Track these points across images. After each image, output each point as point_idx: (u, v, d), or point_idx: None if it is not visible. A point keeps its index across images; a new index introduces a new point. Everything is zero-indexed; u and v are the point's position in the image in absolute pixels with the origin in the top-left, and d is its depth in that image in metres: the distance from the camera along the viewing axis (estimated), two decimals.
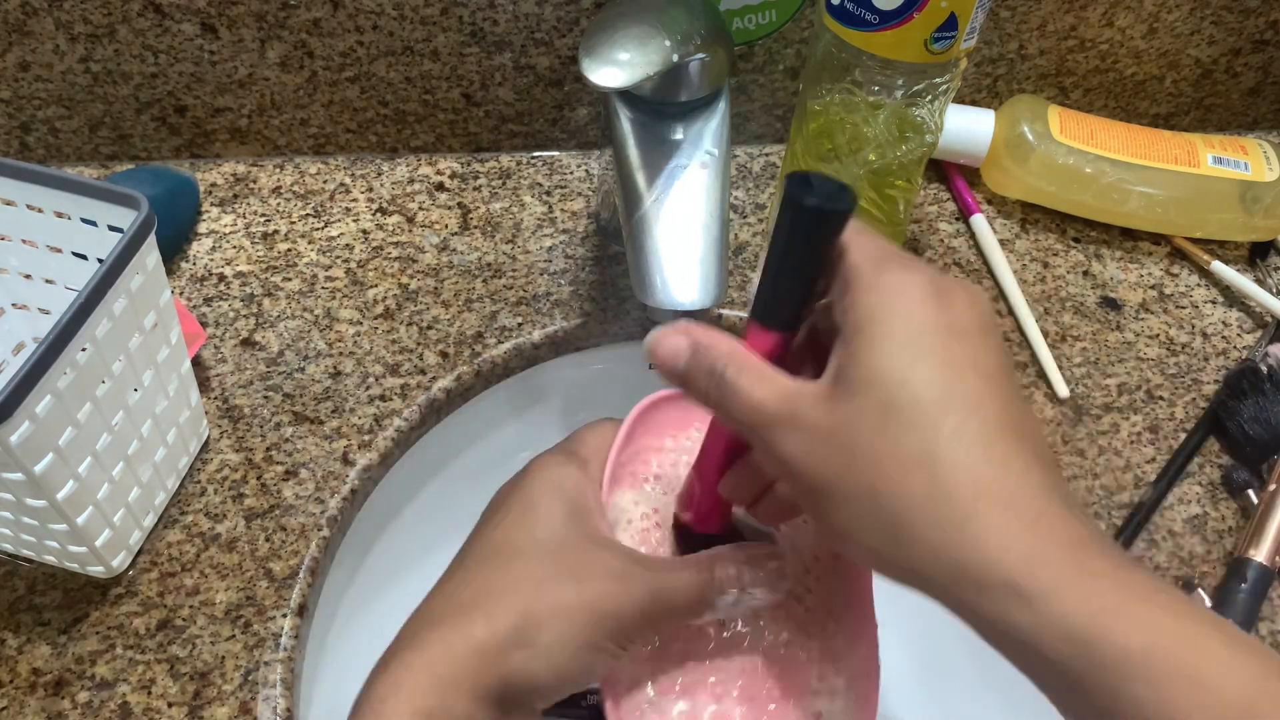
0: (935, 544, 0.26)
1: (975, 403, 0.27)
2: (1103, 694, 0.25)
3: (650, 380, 0.63)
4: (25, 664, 0.44)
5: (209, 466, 0.51)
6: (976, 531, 0.26)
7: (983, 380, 0.28)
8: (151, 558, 0.48)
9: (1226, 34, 0.67)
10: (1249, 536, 0.50)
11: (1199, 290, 0.63)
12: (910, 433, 0.27)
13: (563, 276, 0.60)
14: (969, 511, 0.26)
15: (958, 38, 0.47)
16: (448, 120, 0.65)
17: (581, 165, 0.67)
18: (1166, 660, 0.24)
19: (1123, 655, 0.24)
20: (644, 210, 0.47)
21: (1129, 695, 0.24)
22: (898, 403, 0.27)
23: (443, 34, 0.60)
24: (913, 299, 0.28)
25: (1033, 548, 0.26)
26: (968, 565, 0.26)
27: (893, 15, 0.46)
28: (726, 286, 0.46)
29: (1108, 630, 0.25)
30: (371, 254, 0.61)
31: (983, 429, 0.27)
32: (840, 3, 0.48)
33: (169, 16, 0.58)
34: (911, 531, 0.27)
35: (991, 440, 0.27)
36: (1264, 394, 0.55)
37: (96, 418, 0.41)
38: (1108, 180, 0.63)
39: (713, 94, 0.50)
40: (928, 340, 0.28)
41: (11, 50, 0.58)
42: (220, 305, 0.58)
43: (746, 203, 0.65)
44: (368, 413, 0.53)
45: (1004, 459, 0.27)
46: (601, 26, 0.44)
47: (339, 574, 0.52)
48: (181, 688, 0.44)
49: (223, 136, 0.64)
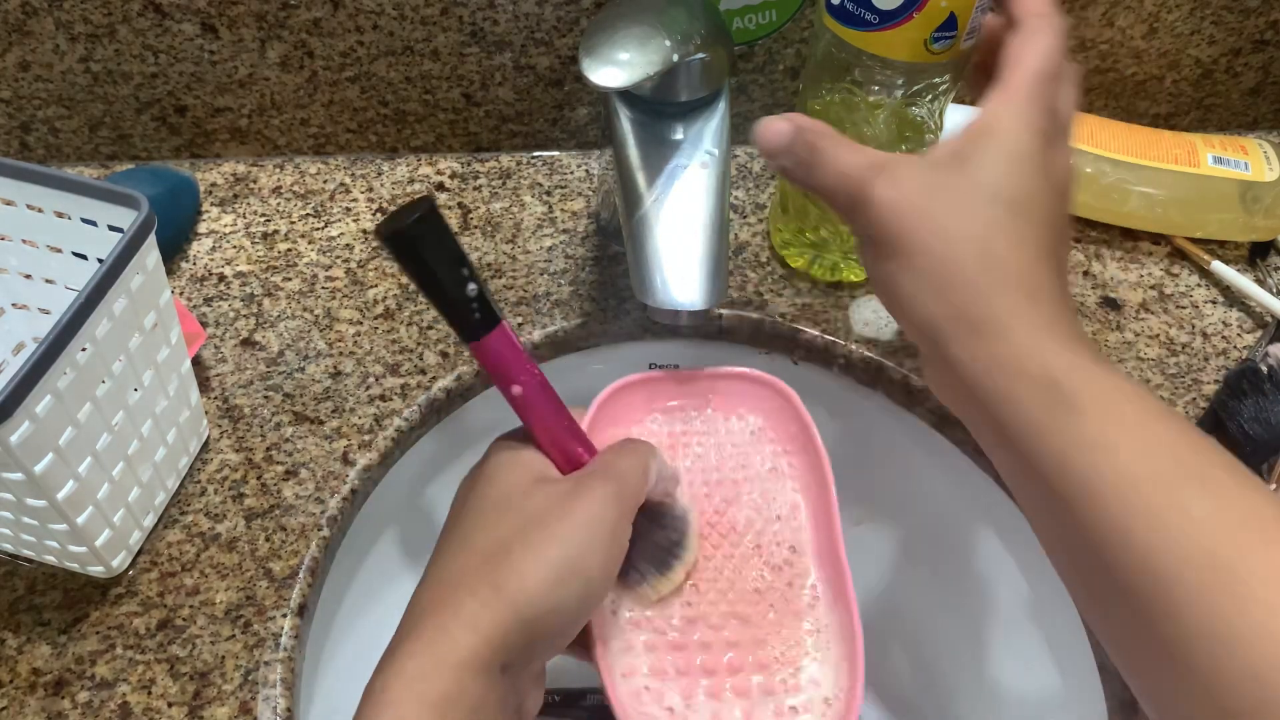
0: (958, 302, 0.34)
1: (1032, 214, 0.35)
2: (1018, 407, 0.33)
3: None
4: (25, 664, 0.44)
5: (209, 466, 0.51)
6: (991, 300, 0.34)
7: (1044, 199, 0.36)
8: (151, 558, 0.48)
9: (1226, 34, 0.67)
10: None
11: (1199, 290, 0.63)
12: (977, 218, 0.35)
13: (563, 276, 0.60)
14: (992, 284, 0.34)
15: (958, 38, 0.47)
16: (448, 120, 0.65)
17: (581, 165, 0.67)
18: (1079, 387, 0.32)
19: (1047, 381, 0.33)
20: (644, 210, 0.47)
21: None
22: (981, 193, 0.35)
23: (443, 34, 0.60)
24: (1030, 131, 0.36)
25: (1024, 311, 0.34)
26: (978, 318, 0.34)
27: (893, 15, 0.46)
28: (727, 286, 0.47)
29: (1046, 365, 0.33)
30: (371, 254, 0.61)
31: (1028, 233, 0.35)
32: (840, 2, 0.48)
33: (169, 16, 0.58)
34: (945, 289, 0.34)
35: (1031, 245, 0.35)
36: (1264, 394, 0.55)
37: (96, 418, 0.41)
38: (1108, 180, 0.63)
39: (713, 94, 0.50)
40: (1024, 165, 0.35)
41: (11, 50, 0.58)
42: (220, 305, 0.58)
43: (746, 203, 0.65)
44: (368, 413, 0.53)
45: (1034, 261, 0.35)
46: (601, 26, 0.44)
47: (339, 574, 0.52)
48: (181, 688, 0.44)
49: (223, 136, 0.64)
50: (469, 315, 0.37)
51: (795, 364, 0.60)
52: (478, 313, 0.37)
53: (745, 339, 0.60)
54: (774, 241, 0.62)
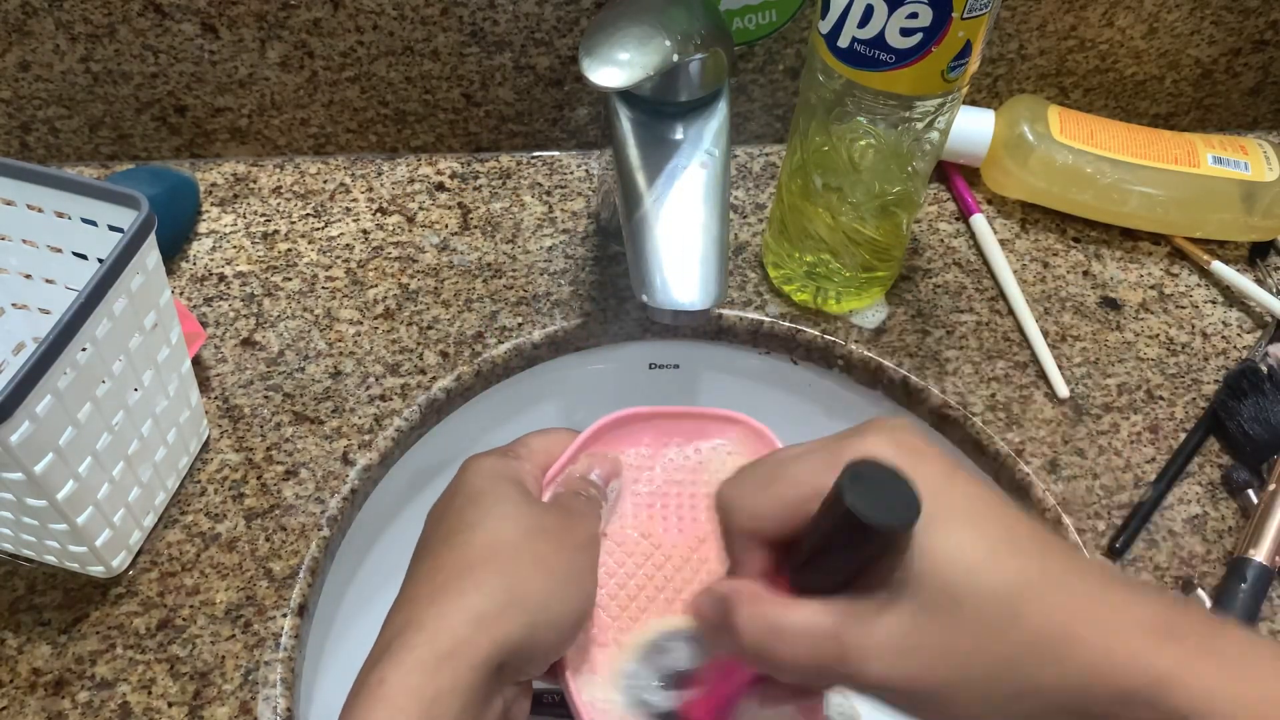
0: (1050, 683, 0.28)
1: (1008, 541, 0.29)
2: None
3: (650, 380, 0.64)
4: (25, 664, 0.44)
5: (209, 466, 0.51)
6: (1083, 657, 0.28)
7: (994, 516, 0.29)
8: (151, 557, 0.48)
9: (1226, 34, 0.67)
10: (1249, 536, 0.50)
11: (1199, 290, 0.63)
12: (984, 597, 0.28)
13: (563, 276, 0.60)
14: (1068, 638, 0.28)
15: (971, 61, 0.46)
16: (448, 120, 0.65)
17: (581, 165, 0.67)
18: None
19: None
20: (644, 210, 0.47)
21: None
22: (954, 575, 0.28)
23: (443, 34, 0.60)
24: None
25: (1136, 644, 0.27)
26: (1083, 689, 0.27)
27: (910, 53, 0.45)
28: (726, 286, 0.47)
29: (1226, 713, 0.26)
30: (371, 254, 0.61)
31: (1031, 562, 0.29)
32: (850, 46, 0.46)
33: (169, 16, 0.58)
34: (1025, 684, 0.28)
35: (1044, 566, 0.29)
36: (1264, 394, 0.55)
37: (96, 418, 0.41)
38: (1108, 180, 0.63)
39: (713, 94, 0.50)
40: (933, 507, 0.28)
41: (11, 50, 0.58)
42: (220, 305, 0.58)
43: (746, 203, 0.65)
44: (368, 413, 0.53)
45: (1064, 580, 0.29)
46: (601, 26, 0.44)
47: (339, 574, 0.52)
48: (181, 687, 0.44)
49: (223, 136, 0.64)
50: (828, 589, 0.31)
51: (795, 364, 0.60)
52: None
53: (745, 339, 0.60)
54: (770, 274, 0.60)
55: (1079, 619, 0.28)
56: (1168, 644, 0.27)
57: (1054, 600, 0.28)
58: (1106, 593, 0.29)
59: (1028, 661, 0.28)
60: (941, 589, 0.28)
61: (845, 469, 0.27)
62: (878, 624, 0.29)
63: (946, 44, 0.45)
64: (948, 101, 0.49)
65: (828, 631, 0.29)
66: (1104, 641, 0.28)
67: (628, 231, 0.47)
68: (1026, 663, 0.28)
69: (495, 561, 0.35)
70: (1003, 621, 0.28)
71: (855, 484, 0.27)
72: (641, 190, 0.47)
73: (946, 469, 0.30)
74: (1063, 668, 0.28)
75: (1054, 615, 0.28)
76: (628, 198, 0.47)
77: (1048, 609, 0.28)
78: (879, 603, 0.29)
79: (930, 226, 0.65)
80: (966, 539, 0.29)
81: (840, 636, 0.29)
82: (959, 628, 0.28)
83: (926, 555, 0.28)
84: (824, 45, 0.48)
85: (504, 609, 0.33)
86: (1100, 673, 0.27)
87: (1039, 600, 0.28)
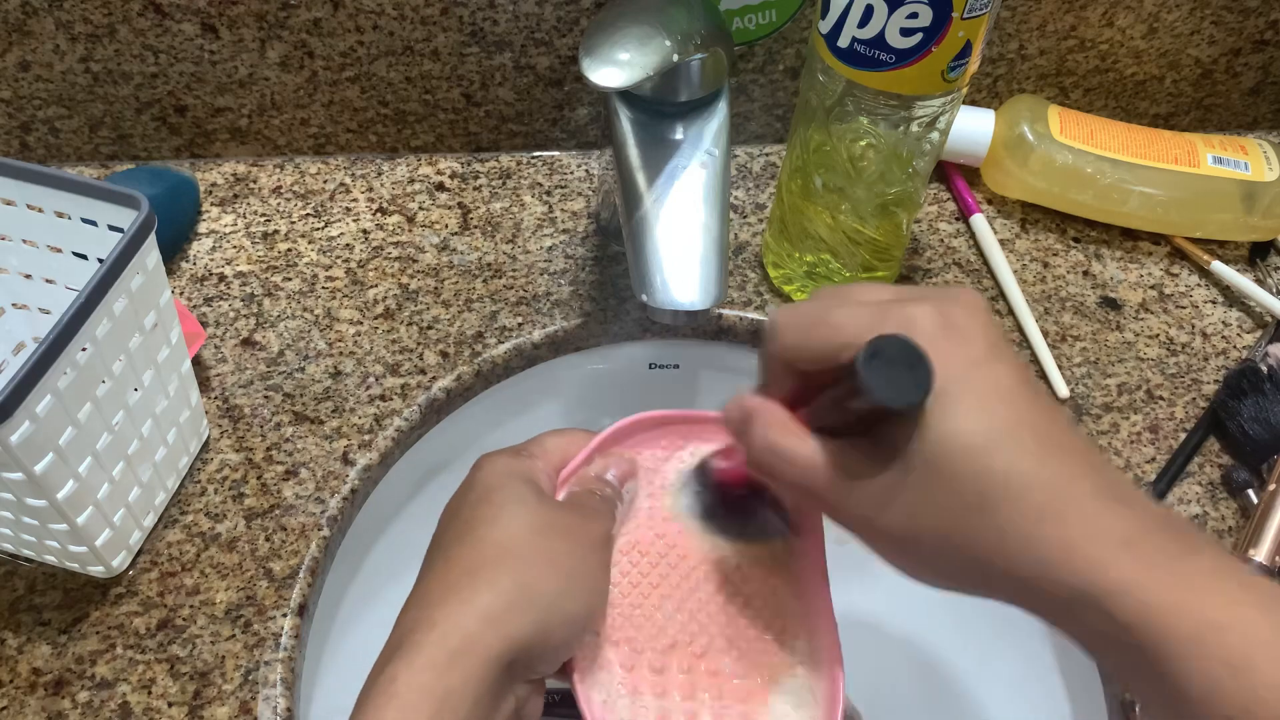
0: (1001, 567, 0.30)
1: (1012, 432, 0.30)
2: (1162, 679, 0.28)
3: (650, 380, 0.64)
4: (25, 664, 0.44)
5: (209, 466, 0.51)
6: (1041, 554, 0.29)
7: (1010, 405, 0.30)
8: (151, 557, 0.48)
9: (1226, 34, 0.67)
10: (1249, 536, 0.50)
11: (1199, 290, 0.63)
12: (965, 479, 0.30)
13: (563, 276, 0.60)
14: (1030, 536, 0.29)
15: (971, 61, 0.46)
16: (448, 120, 0.65)
17: (581, 165, 0.67)
18: (1217, 647, 0.27)
19: (1177, 644, 0.27)
20: (644, 210, 0.47)
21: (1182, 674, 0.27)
22: (948, 453, 0.30)
23: (443, 34, 0.60)
24: (924, 340, 0.30)
25: (1094, 550, 0.29)
26: (1036, 582, 0.29)
27: (910, 53, 0.45)
28: (727, 286, 0.47)
29: (1167, 627, 0.27)
30: (371, 254, 0.61)
31: (1026, 456, 0.30)
32: (850, 47, 0.46)
33: (169, 16, 0.58)
34: (983, 563, 0.30)
35: (1040, 463, 0.30)
36: (1264, 394, 0.55)
37: (96, 418, 0.41)
38: (1108, 180, 0.63)
39: (713, 94, 0.50)
40: (953, 386, 0.30)
41: (11, 50, 0.58)
42: (220, 305, 0.58)
43: (746, 203, 0.65)
44: (368, 413, 0.53)
45: (1053, 480, 0.30)
46: (601, 26, 0.44)
47: (339, 574, 0.52)
48: (181, 687, 0.44)
49: (223, 136, 0.64)
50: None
51: None
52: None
53: (745, 339, 0.60)
54: (771, 274, 0.60)
55: (1050, 519, 0.29)
56: (1128, 555, 0.28)
57: (1034, 498, 0.29)
58: (1090, 500, 0.29)
59: (988, 552, 0.30)
60: (930, 461, 0.30)
61: (870, 341, 0.29)
62: (861, 472, 0.31)
63: (946, 44, 0.45)
64: (948, 102, 0.49)
65: (817, 466, 0.32)
66: (1064, 542, 0.29)
67: (628, 231, 0.47)
68: (987, 553, 0.30)
69: (507, 559, 0.35)
70: (976, 511, 0.30)
71: (873, 357, 0.29)
72: (641, 190, 0.47)
73: (982, 352, 0.31)
74: (1018, 558, 0.29)
75: (1027, 511, 0.29)
76: (628, 198, 0.47)
77: (1023, 504, 0.29)
78: (871, 456, 0.31)
79: (930, 226, 0.65)
80: (971, 422, 0.30)
81: (827, 473, 0.32)
82: (935, 503, 0.30)
83: (929, 428, 0.30)
84: (824, 45, 0.48)
85: (515, 606, 0.33)
86: (1052, 570, 0.29)
87: (1018, 495, 0.29)
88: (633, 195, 0.47)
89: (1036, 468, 0.30)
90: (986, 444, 0.30)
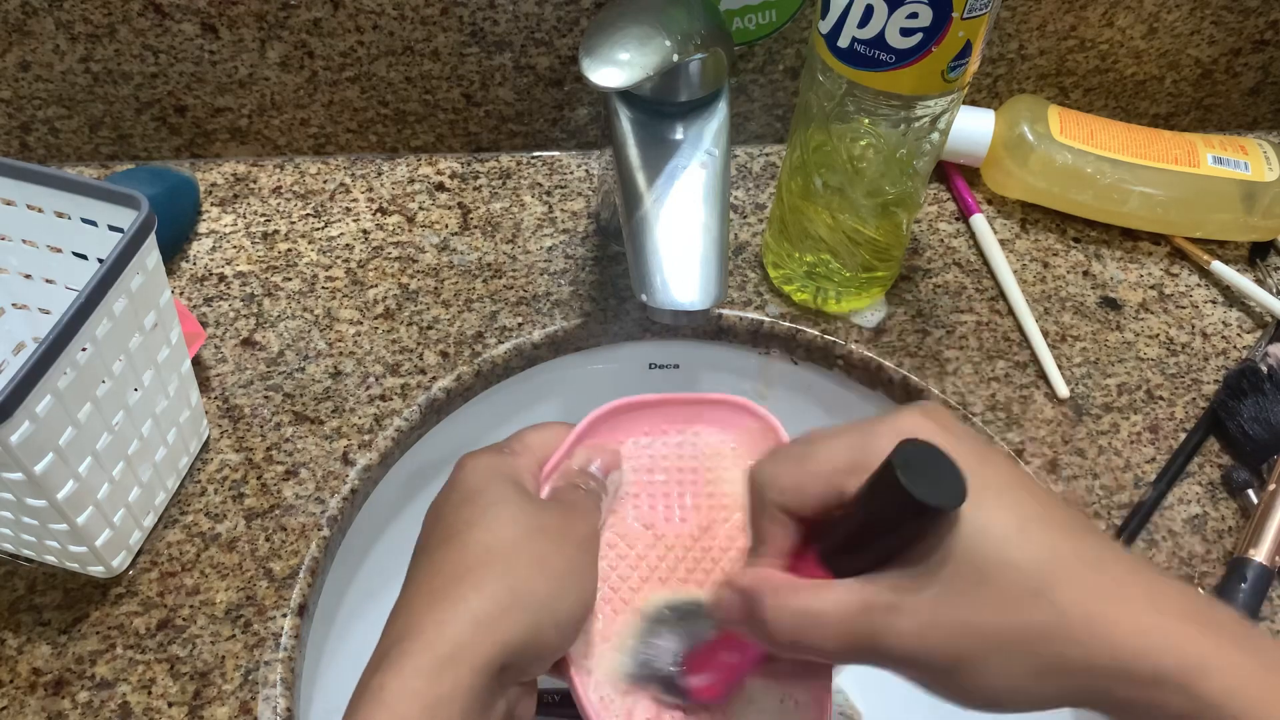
0: (1078, 661, 0.28)
1: (1040, 517, 0.29)
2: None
3: (650, 380, 0.63)
4: (25, 664, 0.44)
5: (209, 466, 0.51)
6: (1108, 632, 0.28)
7: (1027, 493, 0.30)
8: (151, 558, 0.48)
9: (1226, 34, 0.67)
10: (1249, 536, 0.50)
11: (1199, 290, 0.63)
12: (1014, 567, 0.29)
13: (563, 276, 0.60)
14: (1092, 615, 0.28)
15: (971, 61, 0.46)
16: (448, 120, 0.65)
17: (581, 165, 0.67)
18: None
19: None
20: (644, 210, 0.47)
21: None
22: (990, 544, 0.29)
23: (443, 34, 0.60)
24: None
25: (1167, 624, 0.28)
26: (1108, 670, 0.28)
27: (910, 53, 0.45)
28: (726, 287, 0.47)
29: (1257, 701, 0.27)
30: (371, 254, 0.61)
31: (1064, 538, 0.29)
32: (850, 47, 0.46)
33: (169, 16, 0.58)
34: (1052, 660, 0.28)
35: (1076, 542, 0.29)
36: (1264, 394, 0.55)
37: (96, 418, 0.41)
38: (1108, 180, 0.63)
39: (713, 94, 0.50)
40: (973, 481, 0.29)
41: (11, 50, 0.58)
42: (220, 305, 0.58)
43: (746, 203, 0.65)
44: (368, 413, 0.53)
45: (1096, 558, 0.29)
46: (601, 26, 0.44)
47: (339, 574, 0.52)
48: (181, 688, 0.44)
49: (223, 136, 0.64)
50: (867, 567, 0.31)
51: (795, 364, 0.60)
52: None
53: (745, 339, 0.60)
54: (771, 274, 0.60)
55: (1113, 598, 0.28)
56: (1203, 631, 0.27)
57: (1087, 578, 0.28)
58: (1141, 576, 0.29)
59: (1055, 638, 0.28)
60: (970, 562, 0.29)
61: (897, 447, 0.28)
62: (906, 599, 0.29)
63: (946, 44, 0.45)
64: (948, 102, 0.49)
65: (859, 610, 0.30)
66: (1137, 622, 0.27)
67: (628, 231, 0.47)
68: (1054, 639, 0.28)
69: (494, 562, 0.34)
70: (1031, 596, 0.28)
71: (906, 463, 0.28)
72: (641, 190, 0.47)
73: (981, 447, 0.31)
74: (1092, 646, 0.28)
75: (1087, 592, 0.28)
76: (628, 198, 0.47)
77: (1080, 586, 0.28)
78: (910, 578, 0.29)
79: (930, 226, 0.65)
80: (999, 514, 0.29)
81: (871, 614, 0.29)
82: (985, 601, 0.28)
83: (959, 531, 0.29)
84: (824, 45, 0.48)
85: (505, 610, 0.33)
86: (1132, 653, 0.27)
87: (1071, 577, 0.28)
88: (633, 195, 0.47)
89: (1076, 546, 0.29)
90: (1022, 530, 0.29)
